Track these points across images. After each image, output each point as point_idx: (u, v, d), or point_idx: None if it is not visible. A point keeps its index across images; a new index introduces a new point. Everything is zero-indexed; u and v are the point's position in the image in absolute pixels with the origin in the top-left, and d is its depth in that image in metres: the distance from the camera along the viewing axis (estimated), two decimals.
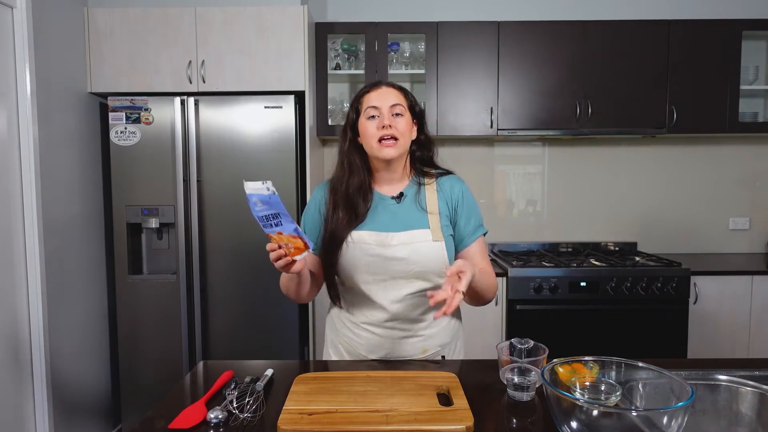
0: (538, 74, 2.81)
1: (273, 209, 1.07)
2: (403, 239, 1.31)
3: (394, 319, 1.35)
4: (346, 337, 1.42)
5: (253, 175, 2.51)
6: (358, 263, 1.32)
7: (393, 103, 1.32)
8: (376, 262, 1.31)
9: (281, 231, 1.10)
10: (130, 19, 2.52)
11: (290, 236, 1.11)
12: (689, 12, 3.04)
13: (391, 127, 1.29)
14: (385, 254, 1.31)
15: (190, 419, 1.01)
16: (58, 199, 2.33)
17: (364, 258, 1.32)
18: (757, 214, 3.20)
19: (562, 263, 2.67)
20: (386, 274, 1.32)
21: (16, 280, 2.13)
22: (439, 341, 1.40)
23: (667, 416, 0.81)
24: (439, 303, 1.11)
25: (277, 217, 1.08)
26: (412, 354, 1.38)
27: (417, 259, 1.31)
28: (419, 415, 0.99)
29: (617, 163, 3.18)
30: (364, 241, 1.32)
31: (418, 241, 1.31)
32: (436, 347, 1.40)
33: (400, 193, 1.38)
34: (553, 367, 0.99)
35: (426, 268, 1.31)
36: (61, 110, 2.37)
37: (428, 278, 1.33)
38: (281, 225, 1.09)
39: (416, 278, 1.33)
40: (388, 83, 1.38)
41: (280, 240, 1.12)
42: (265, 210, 1.07)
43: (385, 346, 1.38)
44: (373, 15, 3.06)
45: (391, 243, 1.31)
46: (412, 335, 1.37)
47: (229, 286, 2.55)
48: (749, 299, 2.63)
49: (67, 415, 2.37)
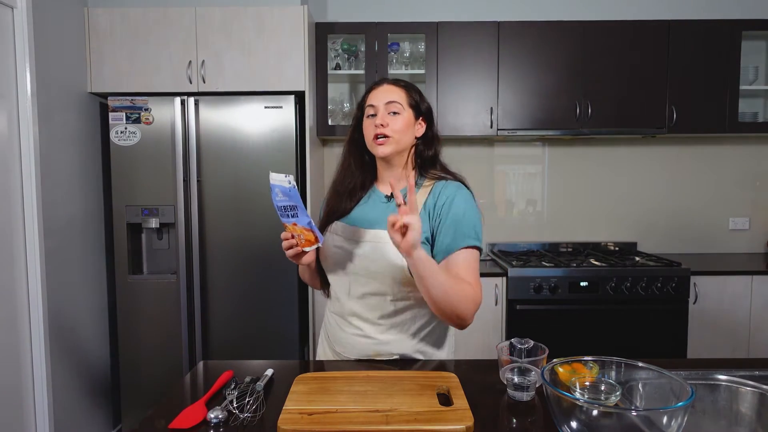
0: (538, 74, 2.81)
1: (291, 201, 1.16)
2: (368, 237, 1.29)
3: (351, 314, 1.35)
4: (327, 324, 1.45)
5: (252, 175, 2.51)
6: (327, 253, 1.35)
7: (389, 101, 1.31)
8: (339, 254, 1.33)
9: (296, 222, 1.20)
10: (130, 19, 2.52)
11: (303, 228, 1.20)
12: (689, 12, 3.05)
13: (383, 126, 1.29)
14: (349, 248, 1.31)
15: (190, 419, 1.00)
16: (58, 199, 2.33)
17: (331, 249, 1.34)
18: (757, 214, 3.20)
19: (562, 263, 2.67)
20: (347, 268, 1.32)
21: (16, 280, 2.13)
22: (396, 350, 1.32)
23: (667, 416, 0.81)
24: None
25: (295, 209, 1.17)
26: (365, 356, 1.34)
27: (375, 259, 1.27)
28: (419, 415, 0.99)
29: (617, 163, 3.18)
30: (336, 232, 1.35)
31: (381, 241, 1.27)
32: (391, 355, 1.33)
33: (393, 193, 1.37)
34: (553, 367, 0.99)
35: (383, 270, 1.27)
36: (62, 110, 2.37)
37: (385, 282, 1.28)
38: (297, 217, 1.19)
39: (374, 279, 1.29)
40: (390, 80, 1.36)
41: (294, 231, 1.22)
42: (284, 201, 1.17)
43: (343, 340, 1.37)
44: (373, 15, 3.06)
45: (356, 238, 1.31)
46: (364, 336, 1.33)
47: (229, 286, 2.55)
48: (749, 299, 2.63)
49: (68, 414, 2.38)
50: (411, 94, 1.35)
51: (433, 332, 1.36)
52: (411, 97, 1.34)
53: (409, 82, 1.39)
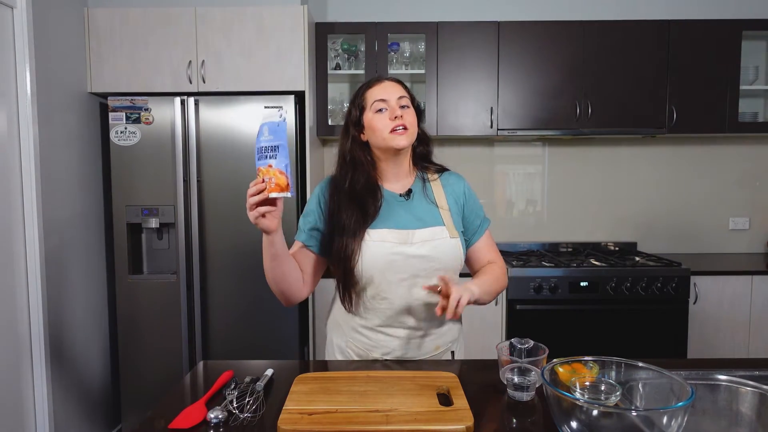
0: (538, 74, 2.81)
1: (276, 140, 1.10)
2: (424, 236, 1.32)
3: (416, 318, 1.35)
4: (358, 341, 1.39)
5: (252, 175, 2.48)
6: (380, 262, 1.30)
7: (400, 96, 1.34)
8: (398, 261, 1.30)
9: (271, 164, 1.11)
10: (130, 19, 2.52)
11: (278, 171, 1.10)
12: (689, 12, 3.04)
13: (402, 117, 1.31)
14: (408, 252, 1.31)
15: (190, 419, 1.01)
16: (58, 199, 2.33)
17: (387, 257, 1.30)
18: (757, 214, 3.20)
19: (562, 263, 2.67)
20: (408, 272, 1.31)
21: (16, 280, 2.13)
22: (450, 338, 1.43)
23: (667, 416, 0.81)
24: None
25: (276, 150, 1.11)
26: (426, 352, 1.38)
27: (437, 256, 1.32)
28: (419, 415, 0.99)
29: (617, 163, 3.18)
30: (385, 239, 1.31)
31: (437, 238, 1.33)
32: (447, 344, 1.42)
33: (409, 190, 1.39)
34: (553, 367, 0.99)
35: (445, 266, 1.33)
36: (61, 110, 2.37)
37: (448, 274, 1.31)
38: (275, 158, 1.11)
39: (435, 276, 1.31)
40: (389, 78, 1.39)
41: (266, 174, 1.11)
42: (268, 141, 1.11)
43: (403, 347, 1.37)
44: (373, 15, 3.06)
45: (412, 240, 1.31)
46: (428, 334, 1.38)
47: (229, 286, 2.55)
48: (749, 299, 2.63)
49: (68, 415, 2.38)
50: (410, 92, 1.39)
51: None
52: (411, 93, 1.39)
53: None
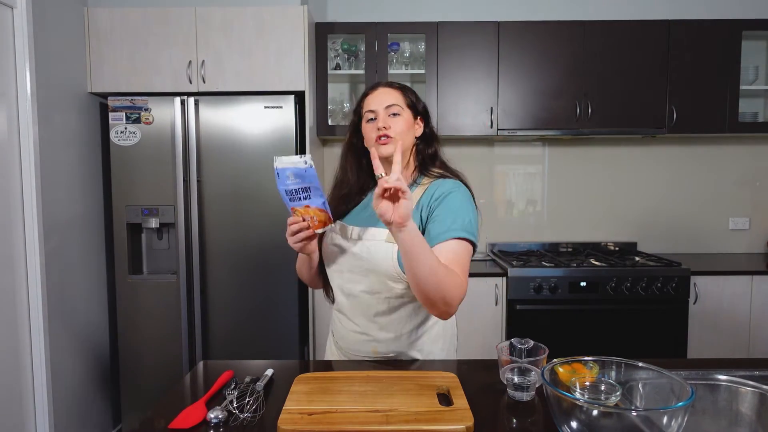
0: (538, 74, 2.81)
1: (306, 183, 1.11)
2: (360, 234, 1.32)
3: (349, 311, 1.37)
4: (333, 321, 1.47)
5: (252, 175, 2.51)
6: (326, 251, 1.38)
7: (388, 104, 1.32)
8: (336, 252, 1.35)
9: (309, 204, 1.14)
10: (130, 19, 2.52)
11: (317, 209, 1.15)
12: (689, 12, 3.05)
13: (386, 128, 1.30)
14: (343, 245, 1.34)
15: (190, 419, 1.01)
16: (58, 199, 2.33)
17: (329, 247, 1.37)
18: (757, 214, 3.20)
19: (562, 263, 2.67)
20: (344, 265, 1.34)
21: (16, 280, 2.13)
22: (394, 349, 1.34)
23: (667, 416, 0.81)
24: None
25: (308, 190, 1.12)
26: (364, 352, 1.36)
27: (367, 257, 1.29)
28: (419, 415, 0.99)
29: (617, 163, 3.18)
30: (334, 230, 1.38)
31: (370, 239, 1.30)
32: (389, 353, 1.35)
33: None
34: (553, 367, 0.99)
35: (376, 267, 1.28)
36: (61, 110, 2.37)
37: (379, 279, 1.29)
38: (310, 198, 1.13)
39: (367, 276, 1.31)
40: (386, 83, 1.38)
41: (306, 213, 1.16)
42: (296, 184, 1.11)
43: (345, 336, 1.39)
44: (373, 15, 3.06)
45: (350, 236, 1.34)
46: (362, 333, 1.35)
47: (229, 286, 2.55)
48: (749, 299, 2.63)
49: (67, 415, 2.38)
50: (407, 95, 1.37)
51: (430, 331, 1.37)
52: (407, 97, 1.36)
53: (403, 84, 1.40)
